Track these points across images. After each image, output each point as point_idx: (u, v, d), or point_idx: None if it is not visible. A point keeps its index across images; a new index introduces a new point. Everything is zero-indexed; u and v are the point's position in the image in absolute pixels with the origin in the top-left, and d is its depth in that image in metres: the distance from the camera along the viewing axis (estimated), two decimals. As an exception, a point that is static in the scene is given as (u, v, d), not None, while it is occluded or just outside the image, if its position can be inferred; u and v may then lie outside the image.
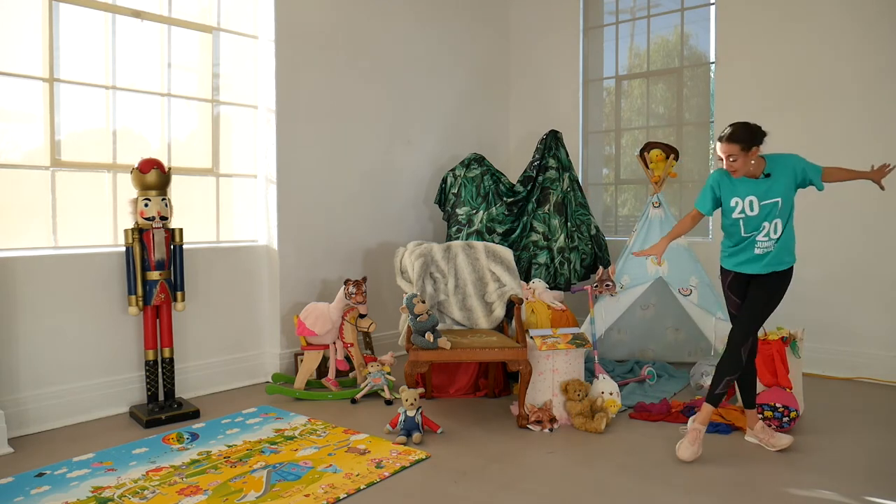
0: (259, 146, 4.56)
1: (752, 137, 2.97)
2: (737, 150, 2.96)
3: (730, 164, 2.99)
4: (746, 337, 3.09)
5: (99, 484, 2.80)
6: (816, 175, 3.05)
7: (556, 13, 6.00)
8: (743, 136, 2.96)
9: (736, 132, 2.97)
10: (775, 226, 3.07)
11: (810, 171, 3.05)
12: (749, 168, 3.01)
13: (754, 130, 2.99)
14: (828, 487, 2.78)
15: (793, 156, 3.09)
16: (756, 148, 2.98)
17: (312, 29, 4.64)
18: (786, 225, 3.07)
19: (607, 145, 5.96)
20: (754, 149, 2.98)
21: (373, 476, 2.88)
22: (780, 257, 3.09)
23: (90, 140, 3.89)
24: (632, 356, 4.95)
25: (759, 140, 2.99)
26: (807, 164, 3.06)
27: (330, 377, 4.19)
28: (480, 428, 3.54)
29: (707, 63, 5.32)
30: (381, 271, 5.08)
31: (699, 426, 3.13)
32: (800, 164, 3.06)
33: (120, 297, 3.79)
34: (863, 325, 4.48)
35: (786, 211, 3.06)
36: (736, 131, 2.97)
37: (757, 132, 2.99)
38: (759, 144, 2.99)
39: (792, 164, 3.05)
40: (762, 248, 3.10)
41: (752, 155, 2.98)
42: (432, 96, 5.58)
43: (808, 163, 3.07)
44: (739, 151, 2.96)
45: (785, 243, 3.09)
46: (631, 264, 4.38)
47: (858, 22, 4.46)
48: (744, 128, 2.99)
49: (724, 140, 2.98)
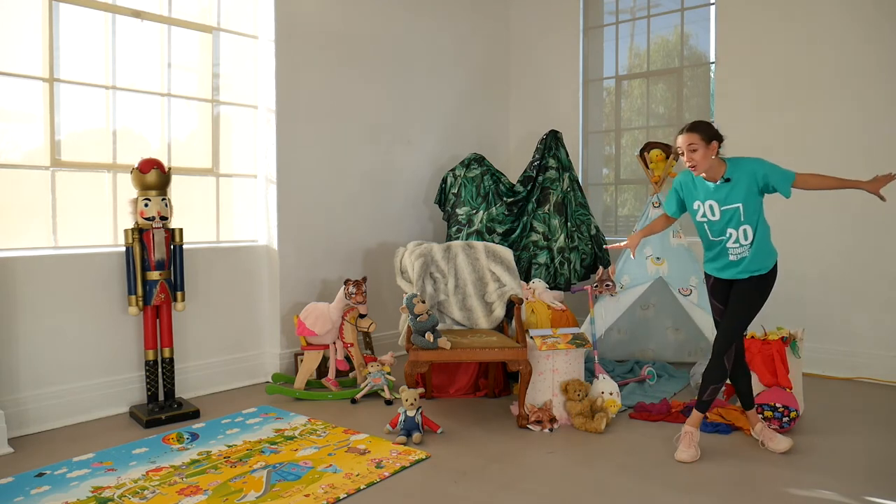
0: (259, 146, 4.57)
1: (711, 131, 2.97)
2: (697, 139, 2.94)
3: (690, 155, 2.96)
4: (730, 344, 3.06)
5: (99, 484, 2.80)
6: (784, 181, 2.93)
7: (556, 13, 6.00)
8: (703, 128, 2.96)
9: (696, 124, 2.99)
10: (744, 232, 3.02)
11: (774, 176, 2.93)
12: (709, 163, 2.97)
13: (713, 128, 2.99)
14: (828, 487, 2.77)
15: (755, 160, 2.99)
16: (716, 143, 2.96)
17: (312, 29, 4.64)
18: (756, 230, 3.01)
19: (607, 145, 5.96)
20: (714, 143, 2.95)
21: (373, 476, 2.88)
22: (758, 262, 3.05)
23: (90, 140, 3.89)
24: (632, 356, 4.95)
25: (718, 136, 2.98)
26: (771, 170, 2.95)
27: (330, 377, 4.19)
28: (480, 428, 3.54)
29: (707, 63, 5.32)
30: (381, 271, 5.08)
31: (690, 429, 3.13)
32: (762, 169, 2.95)
33: (120, 297, 3.79)
34: (863, 325, 4.48)
35: (752, 217, 2.99)
36: (697, 123, 2.99)
37: (716, 130, 2.99)
38: (719, 141, 2.97)
39: (752, 169, 2.96)
40: (736, 255, 3.08)
41: (713, 150, 2.95)
42: (432, 96, 5.58)
43: (776, 168, 2.95)
44: (700, 141, 2.94)
45: (760, 247, 3.03)
46: (631, 264, 4.38)
47: (858, 22, 4.46)
48: (704, 122, 3.01)
49: (685, 130, 2.98)
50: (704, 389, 3.11)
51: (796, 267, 4.72)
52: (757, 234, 3.01)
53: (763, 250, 3.05)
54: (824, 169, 4.57)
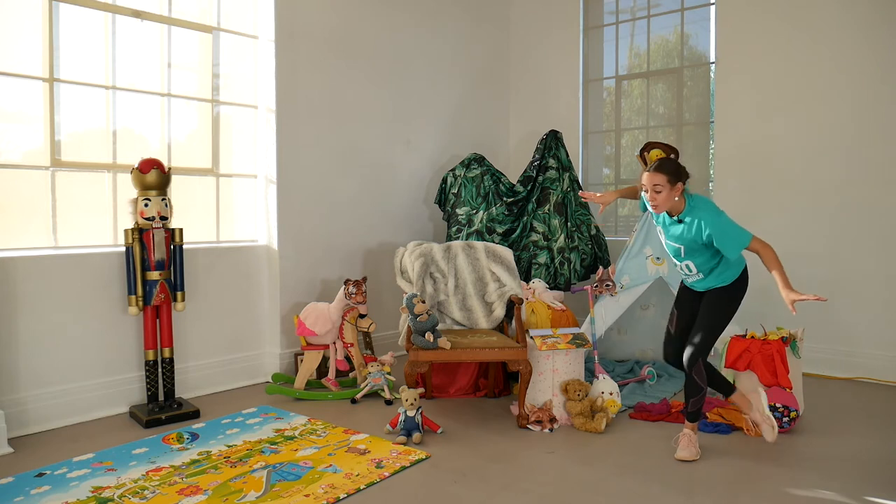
0: (259, 146, 4.57)
1: (678, 173, 2.96)
2: (664, 181, 2.93)
3: (654, 195, 2.96)
4: (702, 356, 3.05)
5: (99, 484, 2.80)
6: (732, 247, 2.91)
7: (556, 13, 6.00)
8: (671, 169, 2.95)
9: (664, 164, 2.97)
10: (686, 266, 3.07)
11: (720, 240, 2.91)
12: (671, 204, 2.98)
13: (679, 167, 2.99)
14: (828, 487, 2.77)
15: (712, 214, 2.93)
16: (681, 185, 2.96)
17: (312, 29, 4.64)
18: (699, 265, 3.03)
19: (607, 145, 5.96)
20: (679, 185, 2.95)
21: (373, 476, 2.88)
22: (718, 280, 3.07)
23: (90, 140, 3.89)
24: (632, 356, 4.95)
25: (683, 178, 2.97)
26: (720, 234, 2.90)
27: (330, 377, 4.19)
28: (480, 428, 3.54)
29: (707, 63, 5.32)
30: (381, 271, 5.08)
31: (688, 431, 3.13)
32: (710, 228, 2.91)
33: (120, 297, 3.79)
34: (863, 325, 4.48)
35: (693, 256, 3.02)
36: (664, 163, 2.97)
37: (683, 171, 2.99)
38: (683, 182, 2.97)
39: (700, 225, 2.93)
40: (690, 279, 3.14)
41: (677, 191, 2.96)
42: (432, 96, 5.58)
43: (727, 233, 2.91)
44: (666, 182, 2.93)
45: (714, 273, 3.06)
46: (631, 264, 4.38)
47: (857, 22, 4.46)
48: (671, 161, 3.01)
49: (652, 170, 2.97)
50: (687, 402, 3.11)
51: (796, 267, 4.71)
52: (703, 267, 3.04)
53: (719, 273, 3.06)
54: (824, 168, 4.60)
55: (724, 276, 3.07)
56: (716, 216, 2.94)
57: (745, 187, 4.93)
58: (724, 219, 2.95)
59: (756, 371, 3.53)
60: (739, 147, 4.97)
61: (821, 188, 4.62)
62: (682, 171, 2.98)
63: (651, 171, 2.97)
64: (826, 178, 4.60)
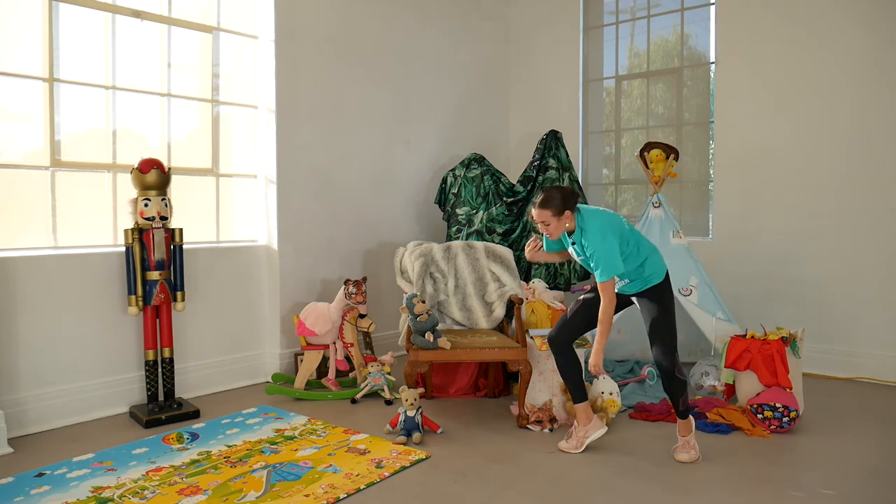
0: (259, 146, 4.56)
1: (563, 203, 2.99)
2: (549, 216, 2.99)
3: (544, 228, 3.04)
4: (674, 356, 3.05)
5: (99, 484, 2.80)
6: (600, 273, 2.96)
7: (556, 13, 6.00)
8: (554, 203, 2.98)
9: (547, 199, 3.00)
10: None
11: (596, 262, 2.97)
12: (564, 228, 3.04)
13: (566, 196, 3.01)
14: (828, 487, 2.77)
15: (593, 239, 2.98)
16: (568, 212, 3.00)
17: (312, 29, 4.64)
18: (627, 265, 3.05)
19: (607, 145, 5.96)
20: (567, 213, 3.00)
21: (373, 476, 2.88)
22: (646, 280, 3.09)
23: (90, 140, 3.89)
24: (632, 356, 4.95)
25: (570, 205, 3.00)
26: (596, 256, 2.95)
27: (330, 377, 4.18)
28: (480, 428, 3.54)
29: (707, 63, 5.32)
30: (381, 271, 5.08)
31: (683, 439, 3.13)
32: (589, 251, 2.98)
33: (120, 297, 3.79)
34: (863, 325, 4.48)
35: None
36: (547, 198, 3.00)
37: (568, 197, 3.01)
38: (571, 209, 3.00)
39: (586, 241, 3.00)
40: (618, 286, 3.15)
41: (566, 218, 3.01)
42: (432, 96, 5.58)
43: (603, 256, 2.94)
44: (551, 217, 2.99)
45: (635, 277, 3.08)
46: (631, 264, 4.37)
47: (857, 22, 4.46)
48: (557, 193, 3.01)
49: (537, 206, 3.02)
50: (676, 403, 3.10)
51: (796, 267, 4.72)
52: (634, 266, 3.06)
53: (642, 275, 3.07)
54: (824, 168, 4.60)
55: (650, 276, 3.08)
56: (598, 241, 2.97)
57: (745, 187, 4.93)
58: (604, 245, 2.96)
59: (756, 371, 3.53)
60: (739, 147, 4.97)
61: (820, 188, 4.62)
62: (567, 200, 3.00)
63: (536, 207, 3.02)
64: (826, 178, 4.60)
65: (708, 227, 5.25)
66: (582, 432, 3.20)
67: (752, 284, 4.86)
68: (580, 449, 3.18)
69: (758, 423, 3.44)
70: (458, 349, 3.50)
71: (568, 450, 3.18)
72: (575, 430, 3.23)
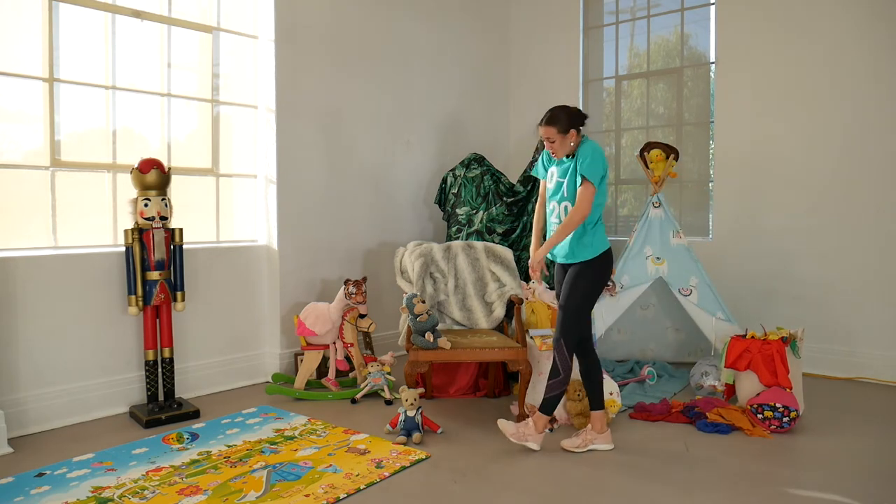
0: (259, 146, 4.56)
1: (569, 121, 3.08)
2: (554, 133, 3.08)
3: (549, 145, 3.12)
4: (568, 336, 3.07)
5: (99, 484, 2.80)
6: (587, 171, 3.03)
7: (556, 13, 6.00)
8: (560, 119, 3.07)
9: (554, 115, 3.09)
10: (564, 208, 3.12)
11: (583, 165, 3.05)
12: (568, 148, 3.12)
13: (572, 114, 3.10)
14: (828, 487, 2.77)
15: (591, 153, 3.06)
16: (574, 131, 3.08)
17: (312, 29, 4.64)
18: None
19: (607, 145, 5.96)
20: (572, 131, 3.08)
21: (373, 476, 2.88)
22: (580, 249, 3.11)
23: (90, 140, 3.89)
24: (632, 356, 4.95)
25: (576, 123, 3.09)
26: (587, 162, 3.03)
27: (330, 377, 4.18)
28: (480, 428, 3.54)
29: (707, 63, 5.32)
30: (381, 271, 5.08)
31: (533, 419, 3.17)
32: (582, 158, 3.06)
33: (120, 297, 3.79)
34: (863, 325, 4.48)
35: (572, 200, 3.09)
36: (554, 115, 3.09)
37: (575, 116, 3.10)
38: (577, 127, 3.09)
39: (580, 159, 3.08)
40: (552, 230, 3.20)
41: (570, 137, 3.09)
42: (432, 96, 5.58)
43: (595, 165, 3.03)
44: (556, 134, 3.08)
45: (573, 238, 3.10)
46: (631, 264, 4.38)
47: (857, 22, 4.46)
48: (562, 111, 3.10)
49: (543, 123, 3.10)
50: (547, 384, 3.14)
51: (796, 267, 4.72)
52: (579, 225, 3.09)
53: (581, 240, 3.10)
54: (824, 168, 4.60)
55: (585, 247, 3.09)
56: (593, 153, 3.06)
57: (745, 187, 4.93)
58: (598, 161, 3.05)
59: (756, 371, 3.54)
60: (739, 147, 4.97)
61: (820, 188, 4.62)
62: (573, 119, 3.08)
63: (543, 124, 3.10)
64: (826, 177, 4.61)
65: (708, 227, 5.25)
66: (591, 437, 3.20)
67: (752, 284, 4.87)
68: (582, 449, 3.18)
69: (758, 423, 3.44)
70: (458, 349, 3.50)
71: (569, 447, 3.18)
72: (585, 433, 3.22)
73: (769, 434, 3.38)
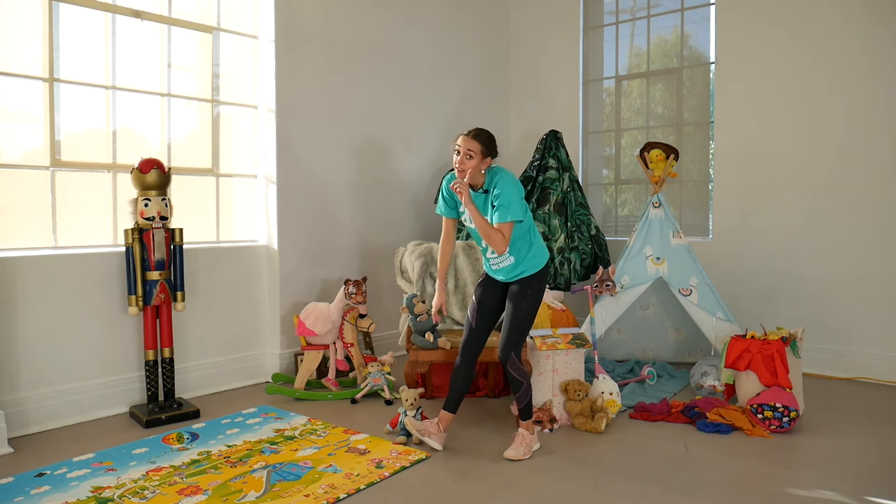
0: (259, 146, 4.56)
1: (490, 146, 3.00)
2: (477, 149, 2.98)
3: (464, 159, 2.99)
4: (518, 350, 3.07)
5: (99, 484, 2.80)
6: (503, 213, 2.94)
7: (556, 13, 6.00)
8: (486, 140, 2.99)
9: (481, 133, 3.01)
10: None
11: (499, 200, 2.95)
12: (478, 173, 3.02)
13: (494, 142, 3.02)
14: (828, 487, 2.78)
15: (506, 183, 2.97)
16: (489, 159, 3.01)
17: (312, 29, 4.64)
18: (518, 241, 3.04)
19: (607, 145, 5.96)
20: (489, 159, 3.00)
21: (373, 476, 2.88)
22: (522, 268, 3.08)
23: (90, 140, 3.89)
24: (632, 356, 4.95)
25: (494, 152, 3.02)
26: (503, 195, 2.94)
27: (330, 377, 4.18)
28: (480, 428, 3.54)
29: (707, 63, 5.32)
30: (381, 271, 5.08)
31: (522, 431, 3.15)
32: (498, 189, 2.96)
33: (120, 297, 3.79)
34: (863, 325, 4.48)
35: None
36: (481, 132, 3.01)
37: (494, 144, 3.03)
38: (493, 157, 3.02)
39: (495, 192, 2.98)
40: (496, 264, 3.13)
41: (485, 164, 3.01)
42: (432, 96, 5.58)
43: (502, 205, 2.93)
44: (479, 151, 2.98)
45: (521, 258, 3.07)
46: (631, 264, 4.38)
47: (856, 22, 4.46)
48: (488, 135, 3.02)
49: (469, 135, 3.00)
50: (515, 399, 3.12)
51: (796, 267, 4.72)
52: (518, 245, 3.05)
53: (526, 260, 3.07)
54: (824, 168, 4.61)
55: (532, 263, 3.08)
56: (509, 184, 2.98)
57: (745, 187, 4.93)
58: (513, 189, 2.97)
59: (756, 371, 3.54)
60: (739, 147, 4.97)
61: (820, 188, 4.62)
62: (493, 146, 3.02)
63: (468, 136, 3.00)
64: (825, 177, 4.61)
65: (708, 227, 5.25)
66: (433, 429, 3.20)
67: (752, 284, 4.87)
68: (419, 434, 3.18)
69: (758, 423, 3.44)
70: (458, 349, 3.50)
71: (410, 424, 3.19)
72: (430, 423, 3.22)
73: (769, 434, 3.38)
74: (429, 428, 3.20)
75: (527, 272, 3.09)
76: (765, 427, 3.42)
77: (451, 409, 3.22)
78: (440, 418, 3.23)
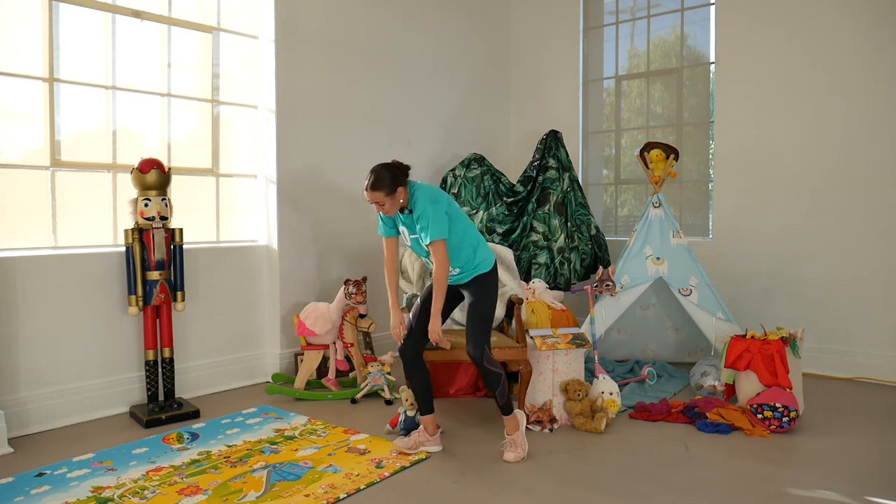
0: (259, 146, 4.57)
1: (393, 181, 2.97)
2: (382, 196, 2.97)
3: (379, 208, 3.02)
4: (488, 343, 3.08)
5: (99, 484, 2.80)
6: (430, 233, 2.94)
7: (556, 13, 6.00)
8: (385, 181, 2.96)
9: (378, 178, 2.96)
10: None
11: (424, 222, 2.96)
12: (399, 204, 3.03)
13: (395, 172, 2.98)
14: (828, 487, 2.78)
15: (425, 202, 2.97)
16: (401, 188, 2.99)
17: (312, 29, 4.64)
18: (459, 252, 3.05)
19: (607, 146, 5.96)
20: (399, 189, 2.99)
21: (373, 476, 2.88)
22: (471, 272, 3.10)
23: (90, 140, 3.89)
24: (632, 356, 4.95)
25: (401, 181, 2.99)
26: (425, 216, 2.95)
27: (330, 377, 4.18)
28: (480, 428, 3.54)
29: (707, 63, 5.32)
30: (381, 271, 5.07)
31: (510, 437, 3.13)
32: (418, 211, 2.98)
33: (120, 297, 3.79)
34: (863, 325, 4.48)
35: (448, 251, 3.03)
36: (378, 178, 2.96)
37: (397, 173, 2.99)
38: (403, 185, 3.00)
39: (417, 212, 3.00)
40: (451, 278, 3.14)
41: (400, 195, 3.00)
42: (432, 96, 5.58)
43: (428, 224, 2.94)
44: (385, 197, 2.97)
45: (467, 264, 3.09)
46: (631, 264, 4.38)
47: (856, 22, 4.46)
48: (385, 171, 2.98)
49: (368, 189, 2.99)
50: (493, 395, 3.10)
51: (796, 267, 4.72)
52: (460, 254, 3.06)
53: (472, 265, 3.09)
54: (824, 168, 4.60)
55: (480, 262, 3.10)
56: (426, 203, 2.97)
57: (745, 187, 4.94)
58: (430, 208, 2.96)
59: (756, 371, 3.53)
60: (739, 147, 4.97)
61: (820, 188, 4.62)
62: (396, 177, 2.98)
63: (368, 189, 2.99)
64: (825, 177, 4.61)
65: (708, 227, 5.25)
66: (423, 438, 3.18)
67: (752, 284, 4.87)
68: (414, 450, 3.15)
69: (758, 423, 3.44)
70: (458, 349, 3.50)
71: (400, 446, 3.16)
72: (418, 434, 3.20)
73: (769, 434, 3.38)
74: (418, 439, 3.18)
75: (476, 273, 3.12)
76: (765, 427, 3.42)
77: (428, 410, 3.21)
78: (424, 424, 3.21)
